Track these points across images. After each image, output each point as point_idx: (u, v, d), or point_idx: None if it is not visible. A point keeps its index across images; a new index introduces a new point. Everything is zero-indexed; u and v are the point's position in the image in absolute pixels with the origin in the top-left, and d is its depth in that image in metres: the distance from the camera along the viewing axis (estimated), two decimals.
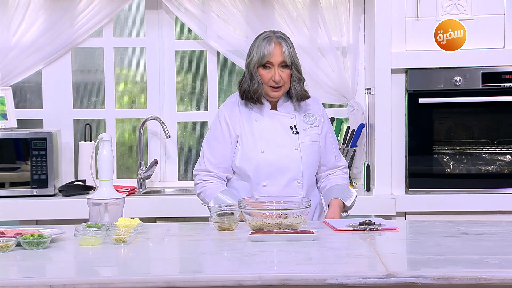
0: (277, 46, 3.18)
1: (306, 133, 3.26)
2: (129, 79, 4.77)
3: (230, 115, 3.26)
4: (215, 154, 3.24)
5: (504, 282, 2.19)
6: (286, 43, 3.20)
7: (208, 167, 3.24)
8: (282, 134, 3.23)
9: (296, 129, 3.25)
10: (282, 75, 3.18)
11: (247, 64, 3.25)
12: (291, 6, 4.49)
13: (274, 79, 3.17)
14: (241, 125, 3.24)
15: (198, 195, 3.29)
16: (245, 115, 3.26)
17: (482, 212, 4.08)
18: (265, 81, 3.20)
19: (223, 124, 3.25)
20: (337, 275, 2.20)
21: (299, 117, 3.27)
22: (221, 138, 3.24)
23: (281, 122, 3.25)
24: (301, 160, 3.22)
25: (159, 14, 4.66)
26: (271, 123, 3.25)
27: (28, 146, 4.22)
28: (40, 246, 2.58)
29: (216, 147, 3.25)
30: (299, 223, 2.81)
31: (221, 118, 3.27)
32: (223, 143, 3.24)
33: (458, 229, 2.88)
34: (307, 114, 3.29)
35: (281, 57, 3.17)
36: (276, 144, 3.20)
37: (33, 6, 4.49)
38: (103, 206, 2.91)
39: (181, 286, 2.20)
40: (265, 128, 3.24)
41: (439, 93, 4.15)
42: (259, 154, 3.20)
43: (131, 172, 4.75)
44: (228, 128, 3.24)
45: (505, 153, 4.22)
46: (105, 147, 2.97)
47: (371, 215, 4.03)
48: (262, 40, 3.21)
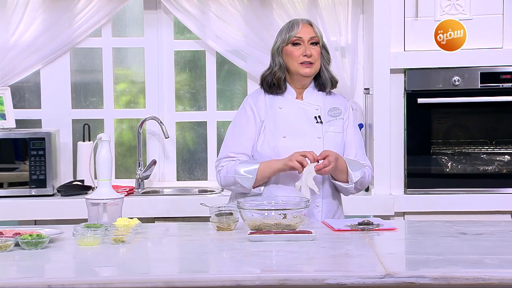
0: (306, 25, 3.18)
1: (330, 124, 3.20)
2: (128, 79, 4.77)
3: (255, 103, 3.22)
4: (237, 141, 3.19)
5: (502, 282, 2.19)
6: (315, 25, 3.20)
7: (230, 154, 3.19)
8: (306, 122, 3.17)
9: (320, 119, 3.19)
10: (313, 51, 3.15)
11: (272, 49, 3.22)
12: (289, 6, 4.49)
13: (305, 53, 3.13)
14: (266, 112, 3.19)
15: (221, 182, 3.20)
16: (269, 102, 3.21)
17: (481, 212, 4.08)
18: (295, 57, 3.15)
19: (249, 111, 3.21)
20: (335, 275, 2.20)
21: (325, 109, 3.22)
22: (245, 125, 3.19)
23: (306, 111, 3.20)
24: (323, 149, 3.10)
25: (158, 14, 4.66)
26: (295, 111, 3.19)
27: (26, 146, 4.21)
28: (39, 246, 2.58)
29: (240, 134, 3.20)
30: (297, 223, 2.81)
31: (246, 105, 3.23)
32: (247, 130, 3.18)
33: (457, 229, 2.88)
34: (333, 108, 3.23)
35: (312, 33, 3.16)
36: (298, 132, 3.13)
37: (31, 6, 4.49)
38: (102, 206, 2.91)
39: (180, 286, 2.20)
40: (289, 115, 3.18)
41: (438, 93, 4.15)
42: (281, 139, 3.14)
43: (129, 172, 4.74)
44: (253, 114, 3.19)
45: (504, 153, 4.22)
46: (103, 147, 2.97)
47: (370, 215, 4.04)
48: (288, 23, 3.21)
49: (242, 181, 3.11)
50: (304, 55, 3.14)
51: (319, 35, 3.19)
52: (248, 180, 3.10)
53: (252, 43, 4.49)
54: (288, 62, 3.18)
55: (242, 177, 3.11)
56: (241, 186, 3.12)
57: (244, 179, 3.10)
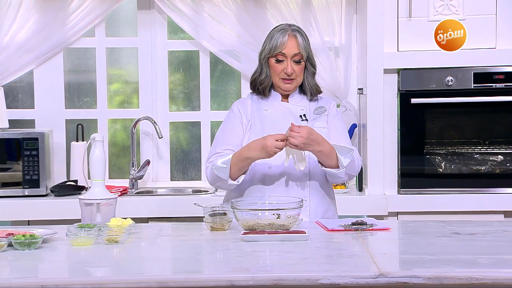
0: (292, 39, 3.17)
1: (316, 120, 3.23)
2: (121, 79, 4.76)
3: (242, 105, 3.27)
4: (226, 138, 3.22)
5: (495, 282, 2.20)
6: (302, 36, 3.19)
7: (217, 150, 3.19)
8: (292, 120, 3.17)
9: (305, 117, 3.22)
10: (295, 68, 3.17)
11: (259, 54, 3.25)
12: (283, 6, 4.50)
13: (286, 71, 3.16)
14: (252, 113, 3.23)
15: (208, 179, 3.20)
16: (256, 105, 3.25)
17: (474, 212, 4.09)
18: (277, 73, 3.18)
19: (236, 111, 3.26)
20: (329, 275, 2.21)
21: (310, 110, 3.25)
22: (234, 123, 3.23)
23: (291, 111, 3.23)
24: None
25: (151, 14, 4.66)
26: (281, 111, 3.23)
27: (20, 146, 4.20)
28: (32, 246, 2.57)
29: (228, 131, 3.23)
30: (291, 223, 2.81)
31: (233, 107, 3.28)
32: (235, 127, 3.22)
33: (450, 229, 2.89)
34: (318, 107, 3.27)
35: (296, 49, 3.16)
36: (284, 129, 3.10)
37: (25, 6, 4.48)
38: (95, 206, 2.90)
39: (174, 286, 2.20)
40: (275, 115, 3.21)
41: (431, 93, 4.16)
42: None
43: (123, 172, 4.74)
44: (240, 113, 3.24)
45: (497, 153, 4.23)
46: (97, 147, 2.96)
47: (363, 215, 4.04)
48: (276, 31, 3.21)
49: (219, 173, 3.10)
50: (285, 73, 3.17)
51: (303, 48, 3.18)
52: (223, 170, 3.10)
53: (245, 43, 4.49)
54: (272, 73, 3.22)
55: (219, 168, 3.11)
56: (220, 179, 3.12)
57: (220, 169, 3.10)
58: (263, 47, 3.23)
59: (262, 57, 3.23)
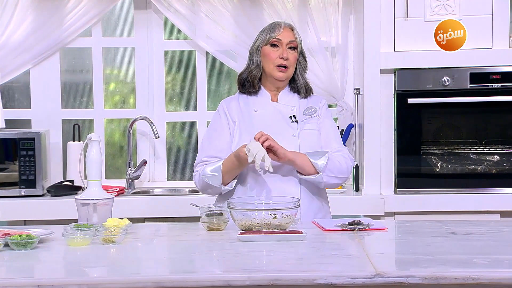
0: (287, 29, 3.22)
1: (306, 122, 3.22)
2: (118, 79, 4.76)
3: (228, 105, 3.26)
4: (211, 145, 3.20)
5: (492, 281, 2.20)
6: (296, 31, 3.24)
7: (203, 159, 3.20)
8: (281, 121, 3.18)
9: (295, 118, 3.21)
10: (290, 56, 3.18)
11: (250, 49, 3.26)
12: (280, 6, 4.50)
13: (282, 55, 3.16)
14: (239, 114, 3.22)
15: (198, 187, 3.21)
16: (244, 106, 3.24)
17: (471, 212, 4.09)
18: (272, 59, 3.18)
19: (222, 114, 3.24)
20: (326, 275, 2.21)
21: (300, 110, 3.24)
22: (220, 128, 3.22)
23: (281, 111, 3.22)
24: (299, 147, 3.14)
25: (148, 14, 4.66)
26: (270, 112, 3.22)
27: (16, 146, 4.20)
28: (28, 246, 2.57)
29: (214, 138, 3.22)
30: (288, 223, 2.81)
31: (219, 109, 3.27)
32: (221, 133, 3.21)
33: (447, 229, 2.89)
34: (308, 107, 3.26)
35: (292, 37, 3.19)
36: (273, 131, 3.11)
37: (21, 5, 4.47)
38: (92, 206, 2.90)
39: (171, 287, 2.20)
40: (264, 116, 3.20)
41: (428, 93, 4.17)
42: None
43: (120, 172, 4.74)
44: (226, 116, 3.22)
45: (493, 153, 4.24)
46: (93, 147, 2.96)
47: (360, 215, 4.04)
48: (270, 25, 3.25)
49: (210, 181, 3.12)
50: (281, 58, 3.17)
51: (298, 40, 3.22)
52: (215, 178, 3.12)
53: (242, 43, 4.49)
54: (264, 63, 3.21)
55: (209, 176, 3.13)
56: (212, 186, 3.13)
57: (212, 177, 3.12)
58: (255, 40, 3.25)
59: (254, 48, 3.22)
